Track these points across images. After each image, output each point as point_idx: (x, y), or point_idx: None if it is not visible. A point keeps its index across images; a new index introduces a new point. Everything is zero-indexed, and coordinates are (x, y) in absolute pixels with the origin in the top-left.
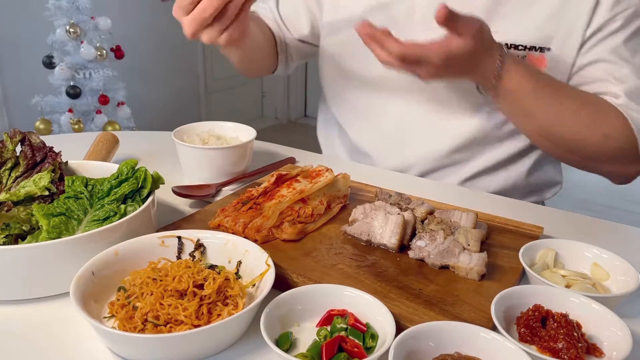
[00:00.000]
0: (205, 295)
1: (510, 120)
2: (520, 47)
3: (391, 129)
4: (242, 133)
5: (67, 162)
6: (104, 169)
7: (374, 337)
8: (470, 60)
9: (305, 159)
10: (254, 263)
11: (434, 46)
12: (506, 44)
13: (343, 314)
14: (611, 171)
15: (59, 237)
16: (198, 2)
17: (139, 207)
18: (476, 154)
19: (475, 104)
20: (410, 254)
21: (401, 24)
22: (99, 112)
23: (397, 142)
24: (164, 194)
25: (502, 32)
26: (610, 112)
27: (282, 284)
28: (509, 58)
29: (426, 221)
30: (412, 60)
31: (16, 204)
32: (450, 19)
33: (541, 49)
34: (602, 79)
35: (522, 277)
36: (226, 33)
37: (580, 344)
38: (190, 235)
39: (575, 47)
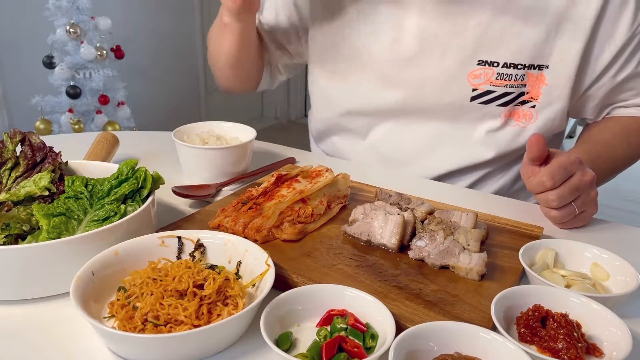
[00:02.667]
0: (205, 296)
1: None
2: (519, 66)
3: (391, 150)
4: (242, 133)
5: (67, 162)
6: (104, 169)
7: (374, 337)
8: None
9: (305, 159)
10: (254, 263)
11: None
12: (505, 64)
13: (343, 314)
14: None
15: (59, 237)
16: None
17: (139, 207)
18: (474, 172)
19: (476, 130)
20: (410, 254)
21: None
22: (99, 112)
23: (397, 162)
24: (164, 194)
25: (500, 53)
26: None
27: (282, 284)
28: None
29: (426, 221)
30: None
31: (16, 204)
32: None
33: (539, 67)
34: (628, 89)
35: (522, 277)
36: None
37: (580, 344)
38: (190, 235)
39: (574, 65)
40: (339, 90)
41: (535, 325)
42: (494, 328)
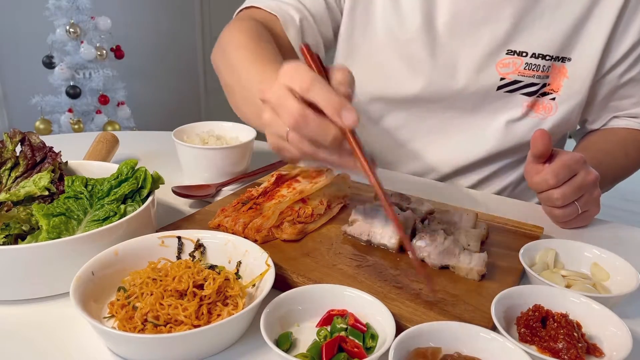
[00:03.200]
0: (205, 296)
1: None
2: (547, 57)
3: (406, 139)
4: (242, 133)
5: (67, 162)
6: (104, 169)
7: (374, 337)
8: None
9: None
10: (254, 263)
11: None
12: (533, 54)
13: (343, 314)
14: None
15: (59, 237)
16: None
17: (139, 207)
18: (488, 165)
19: (495, 120)
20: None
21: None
22: (99, 112)
23: (411, 151)
24: (164, 194)
25: (529, 43)
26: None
27: (282, 284)
28: None
29: (426, 221)
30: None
31: (16, 204)
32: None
33: (562, 59)
34: (629, 95)
35: (522, 277)
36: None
37: (580, 344)
38: (190, 235)
39: (595, 60)
40: (364, 74)
41: (536, 325)
42: (494, 328)
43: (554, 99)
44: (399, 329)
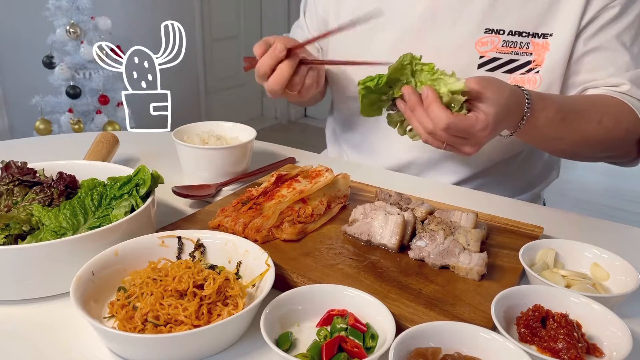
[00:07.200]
0: (205, 296)
1: (533, 146)
2: (524, 34)
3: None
4: (242, 133)
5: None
6: (104, 169)
7: (374, 337)
8: (503, 118)
9: (305, 159)
10: (254, 263)
11: (475, 119)
12: (510, 32)
13: (343, 314)
14: (623, 155)
15: (63, 236)
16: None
17: (135, 201)
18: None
19: None
20: (410, 254)
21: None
22: (99, 112)
23: (400, 139)
24: (164, 194)
25: (505, 20)
26: (623, 107)
27: (282, 284)
28: (535, 96)
29: (426, 221)
30: (457, 134)
31: (15, 203)
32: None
33: (544, 36)
34: (603, 67)
35: (522, 277)
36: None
37: (580, 344)
38: (190, 235)
39: (573, 31)
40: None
41: (536, 325)
42: (494, 328)
43: (538, 72)
44: (399, 329)
